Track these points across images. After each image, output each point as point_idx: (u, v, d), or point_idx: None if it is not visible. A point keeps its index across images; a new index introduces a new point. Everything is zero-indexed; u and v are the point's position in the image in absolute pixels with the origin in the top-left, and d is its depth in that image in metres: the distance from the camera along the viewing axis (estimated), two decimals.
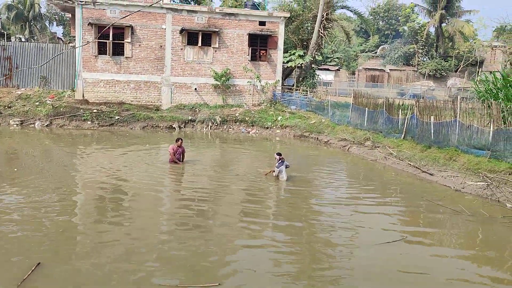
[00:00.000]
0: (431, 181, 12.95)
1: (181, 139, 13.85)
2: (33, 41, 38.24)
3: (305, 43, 30.57)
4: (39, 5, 54.02)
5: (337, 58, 57.87)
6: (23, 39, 43.19)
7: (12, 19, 51.21)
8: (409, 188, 12.50)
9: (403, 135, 16.72)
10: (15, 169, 12.20)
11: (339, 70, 56.54)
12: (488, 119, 13.60)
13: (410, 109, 16.98)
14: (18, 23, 52.53)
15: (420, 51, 51.89)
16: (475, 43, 50.48)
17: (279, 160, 12.02)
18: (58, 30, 61.94)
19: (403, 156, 15.20)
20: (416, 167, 13.97)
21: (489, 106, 13.66)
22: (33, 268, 6.01)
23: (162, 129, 22.25)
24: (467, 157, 13.30)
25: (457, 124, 14.26)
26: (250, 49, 25.39)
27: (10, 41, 29.44)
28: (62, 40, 47.81)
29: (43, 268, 6.12)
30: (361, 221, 9.20)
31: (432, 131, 15.20)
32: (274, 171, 12.14)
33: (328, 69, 52.71)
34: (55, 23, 58.74)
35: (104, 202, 9.80)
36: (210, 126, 23.04)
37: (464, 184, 11.98)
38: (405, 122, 16.73)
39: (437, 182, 12.75)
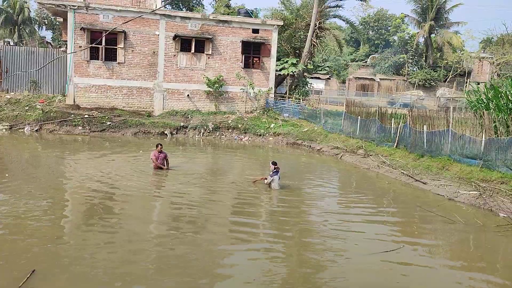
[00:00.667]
0: (424, 190, 13.03)
1: (161, 144, 13.60)
2: (22, 45, 37.87)
3: (297, 51, 30.79)
4: (28, 9, 53.53)
5: (327, 67, 58.26)
6: (11, 43, 42.67)
7: (1, 23, 50.64)
8: (403, 197, 12.56)
9: (395, 144, 16.84)
10: (6, 175, 11.97)
11: (330, 79, 56.89)
12: (480, 129, 13.79)
13: (403, 118, 17.13)
14: (7, 26, 51.96)
15: (410, 61, 52.52)
16: (463, 54, 51.20)
17: (274, 169, 11.98)
18: (48, 35, 61.35)
19: (396, 164, 15.29)
20: (409, 176, 14.06)
21: (480, 116, 13.84)
22: (28, 276, 5.89)
23: (154, 135, 22.09)
24: (459, 166, 13.45)
25: (450, 134, 14.42)
26: (243, 56, 25.44)
27: None
28: (51, 45, 47.33)
29: (38, 275, 6.00)
30: (355, 230, 9.18)
31: (425, 140, 15.34)
32: (266, 179, 12.10)
33: (319, 78, 53.01)
34: (44, 27, 58.19)
35: (94, 209, 9.55)
36: (203, 133, 22.96)
37: (457, 193, 12.09)
38: (398, 131, 16.87)
39: (430, 191, 12.84)
